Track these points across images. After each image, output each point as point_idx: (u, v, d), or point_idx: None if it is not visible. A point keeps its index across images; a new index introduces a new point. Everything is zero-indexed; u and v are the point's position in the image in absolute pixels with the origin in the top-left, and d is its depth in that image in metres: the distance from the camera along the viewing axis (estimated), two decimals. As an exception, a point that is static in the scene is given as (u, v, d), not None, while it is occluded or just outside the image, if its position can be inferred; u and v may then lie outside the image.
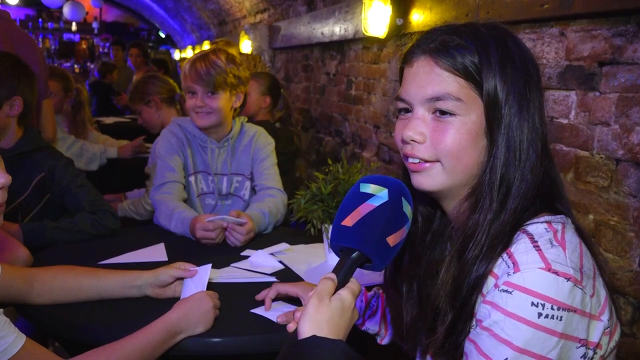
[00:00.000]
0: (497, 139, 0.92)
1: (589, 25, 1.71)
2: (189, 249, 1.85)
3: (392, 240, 0.91)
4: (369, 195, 0.93)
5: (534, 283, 0.82)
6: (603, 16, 1.65)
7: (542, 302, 0.81)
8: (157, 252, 1.81)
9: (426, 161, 0.95)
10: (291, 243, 1.92)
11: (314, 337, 0.84)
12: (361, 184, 0.96)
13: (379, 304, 1.34)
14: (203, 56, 2.09)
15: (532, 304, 0.82)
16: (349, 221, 0.93)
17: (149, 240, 1.88)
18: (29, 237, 1.80)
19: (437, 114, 0.94)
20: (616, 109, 1.61)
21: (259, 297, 1.44)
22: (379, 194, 0.93)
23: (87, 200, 1.99)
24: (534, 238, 0.88)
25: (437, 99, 0.93)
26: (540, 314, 0.81)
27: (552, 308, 0.81)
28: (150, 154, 2.80)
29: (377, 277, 1.46)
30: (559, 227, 0.90)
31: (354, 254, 0.92)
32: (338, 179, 1.73)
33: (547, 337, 0.82)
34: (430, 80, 0.93)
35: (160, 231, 1.99)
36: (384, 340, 1.34)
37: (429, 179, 0.96)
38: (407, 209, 0.94)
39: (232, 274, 1.65)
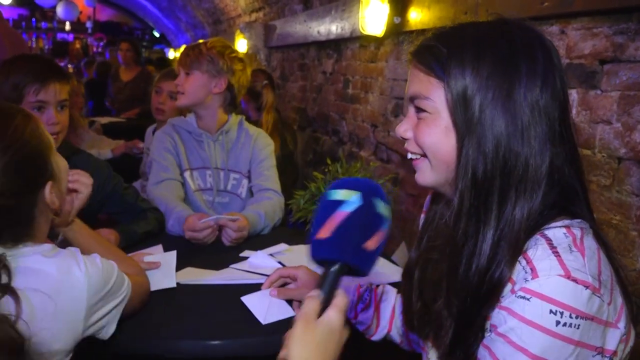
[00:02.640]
0: (465, 138, 0.90)
1: (590, 23, 1.70)
2: (186, 250, 1.82)
3: (371, 244, 0.89)
4: (341, 202, 0.89)
5: (553, 290, 0.81)
6: (604, 14, 1.63)
7: (561, 310, 0.80)
8: (155, 252, 1.79)
9: (417, 156, 0.99)
10: (290, 243, 1.90)
11: None
12: (330, 192, 0.92)
13: (372, 298, 1.34)
14: (193, 45, 2.19)
15: (551, 311, 0.80)
16: (324, 232, 0.89)
17: (146, 242, 1.86)
18: (123, 240, 1.78)
19: (418, 111, 0.98)
20: (618, 107, 1.60)
21: (263, 287, 1.46)
22: (351, 199, 0.89)
23: (139, 200, 1.98)
24: (552, 243, 0.86)
25: (414, 97, 0.98)
26: (558, 322, 0.80)
27: (570, 316, 0.80)
28: (145, 153, 2.78)
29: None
30: (578, 232, 0.88)
31: (335, 266, 0.88)
32: (337, 178, 1.72)
33: (564, 345, 0.81)
34: (411, 81, 0.99)
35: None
36: (375, 336, 1.33)
37: (421, 175, 1.00)
38: (383, 208, 0.91)
39: (231, 275, 1.63)
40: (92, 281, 1.09)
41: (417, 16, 2.67)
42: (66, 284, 1.06)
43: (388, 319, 1.31)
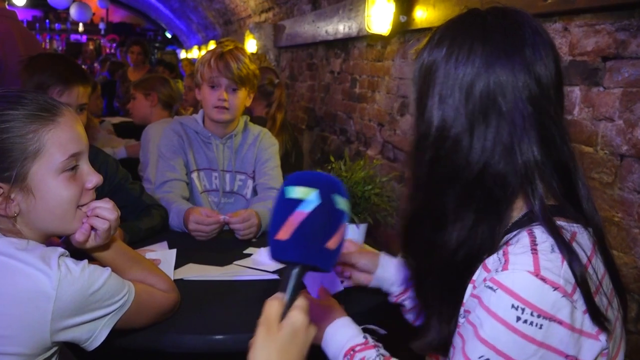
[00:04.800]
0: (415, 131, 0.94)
1: (593, 19, 1.69)
2: (191, 247, 1.85)
3: (332, 243, 0.85)
4: (299, 201, 0.84)
5: (517, 285, 0.80)
6: (606, 10, 1.63)
7: (523, 307, 0.79)
8: (167, 250, 1.80)
9: None
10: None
11: None
12: (286, 189, 0.86)
13: None
14: (230, 51, 2.10)
15: (512, 306, 0.79)
16: (283, 234, 0.85)
17: (151, 238, 1.88)
18: (127, 237, 1.79)
19: None
20: (620, 104, 1.60)
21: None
22: (309, 198, 0.84)
23: (143, 196, 1.98)
24: (535, 241, 0.85)
25: None
26: (518, 318, 0.79)
27: (531, 314, 0.79)
28: (141, 151, 2.81)
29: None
30: (568, 235, 0.87)
31: (297, 268, 0.85)
32: (341, 176, 1.73)
33: (525, 343, 0.79)
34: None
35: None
36: (417, 321, 1.29)
37: None
38: (342, 203, 0.87)
39: (234, 271, 1.65)
40: (63, 286, 1.00)
41: (422, 15, 2.67)
42: (29, 284, 0.98)
43: None
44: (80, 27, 14.29)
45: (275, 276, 1.61)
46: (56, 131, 1.09)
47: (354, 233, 1.67)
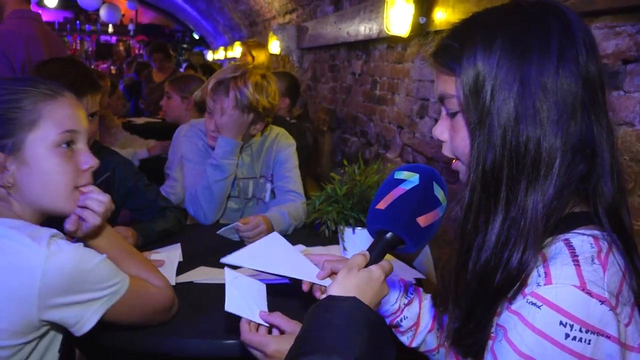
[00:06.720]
0: (476, 129, 0.87)
1: (613, 21, 1.65)
2: (203, 250, 1.85)
3: (423, 220, 0.96)
4: (401, 181, 1.00)
5: (564, 301, 0.77)
6: (627, 12, 1.59)
7: (571, 323, 0.76)
8: (172, 251, 1.82)
9: (452, 159, 0.99)
10: (307, 245, 1.91)
11: (332, 296, 0.91)
12: (396, 172, 1.02)
13: (417, 296, 1.28)
14: (232, 79, 2.02)
15: (561, 323, 0.77)
16: (382, 204, 0.99)
17: (164, 240, 1.90)
18: (141, 239, 1.80)
19: (449, 113, 0.95)
20: (641, 109, 1.55)
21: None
22: (411, 179, 0.99)
23: (159, 199, 2.01)
24: (575, 252, 0.81)
25: (442, 99, 0.95)
26: (567, 335, 0.76)
27: (580, 330, 0.76)
28: (170, 149, 2.82)
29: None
30: (605, 245, 0.83)
31: (387, 235, 0.98)
32: (354, 180, 1.72)
33: None
34: (437, 82, 0.97)
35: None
36: (413, 342, 1.26)
37: (461, 176, 0.99)
38: (440, 193, 0.99)
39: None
40: (51, 263, 1.01)
41: (442, 16, 2.64)
42: (15, 259, 1.00)
43: (432, 316, 1.24)
44: (110, 28, 14.53)
45: (286, 280, 1.60)
46: (54, 106, 1.14)
47: (364, 239, 1.65)
